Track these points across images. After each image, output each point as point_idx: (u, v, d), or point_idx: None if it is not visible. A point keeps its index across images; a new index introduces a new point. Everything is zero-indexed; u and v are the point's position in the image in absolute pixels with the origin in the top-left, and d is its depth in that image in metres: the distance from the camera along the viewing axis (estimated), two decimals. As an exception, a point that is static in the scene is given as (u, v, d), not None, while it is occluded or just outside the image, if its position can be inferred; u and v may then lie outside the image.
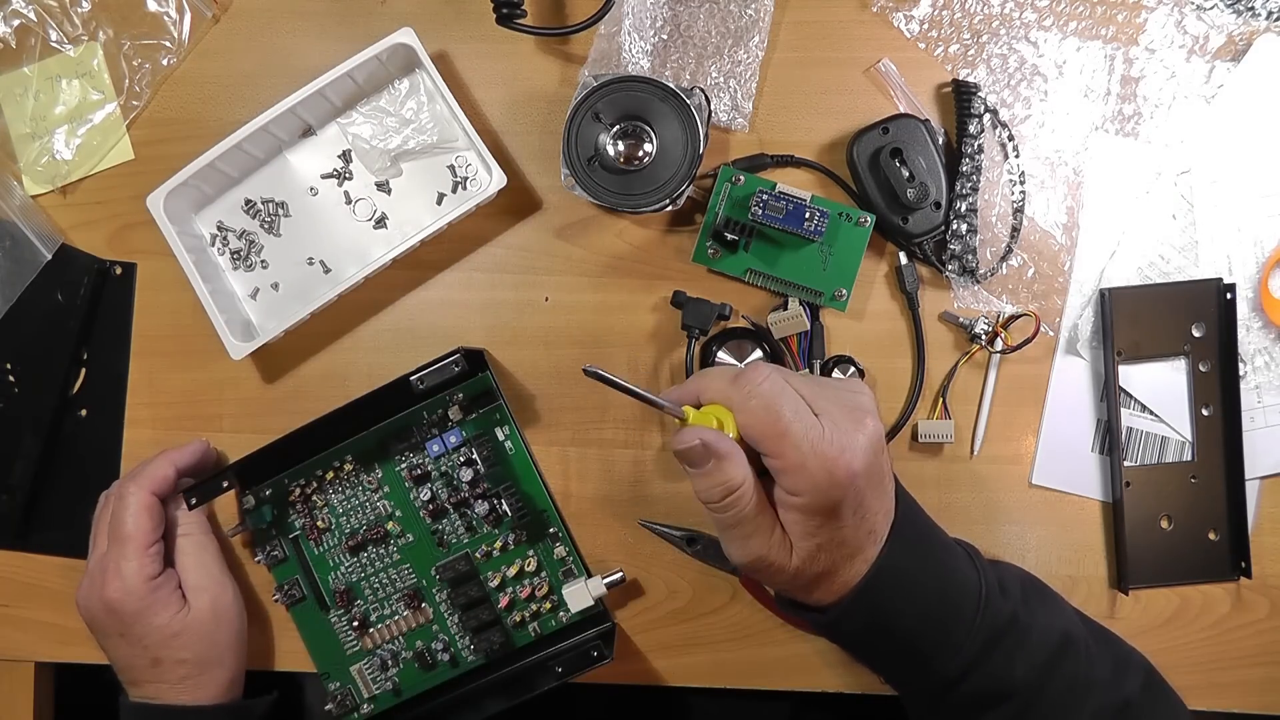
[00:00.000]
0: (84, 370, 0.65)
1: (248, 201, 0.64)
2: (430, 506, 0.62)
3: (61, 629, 0.65)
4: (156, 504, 0.59)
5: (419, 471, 0.62)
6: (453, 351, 0.59)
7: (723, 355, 0.62)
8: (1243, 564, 0.61)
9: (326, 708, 0.62)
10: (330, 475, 0.62)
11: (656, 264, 0.64)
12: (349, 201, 0.64)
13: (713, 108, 0.61)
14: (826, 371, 0.62)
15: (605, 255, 0.64)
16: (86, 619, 0.59)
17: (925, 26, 0.63)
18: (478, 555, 0.62)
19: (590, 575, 0.62)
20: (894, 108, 0.63)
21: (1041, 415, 0.63)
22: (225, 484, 0.60)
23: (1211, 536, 0.62)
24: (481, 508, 0.61)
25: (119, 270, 0.65)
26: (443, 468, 0.62)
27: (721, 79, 0.63)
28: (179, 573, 0.59)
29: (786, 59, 0.64)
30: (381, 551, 0.63)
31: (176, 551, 0.60)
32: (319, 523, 0.63)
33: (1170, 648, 0.62)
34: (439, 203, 0.64)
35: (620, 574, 0.61)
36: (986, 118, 0.61)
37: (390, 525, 0.62)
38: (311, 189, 0.64)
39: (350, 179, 0.64)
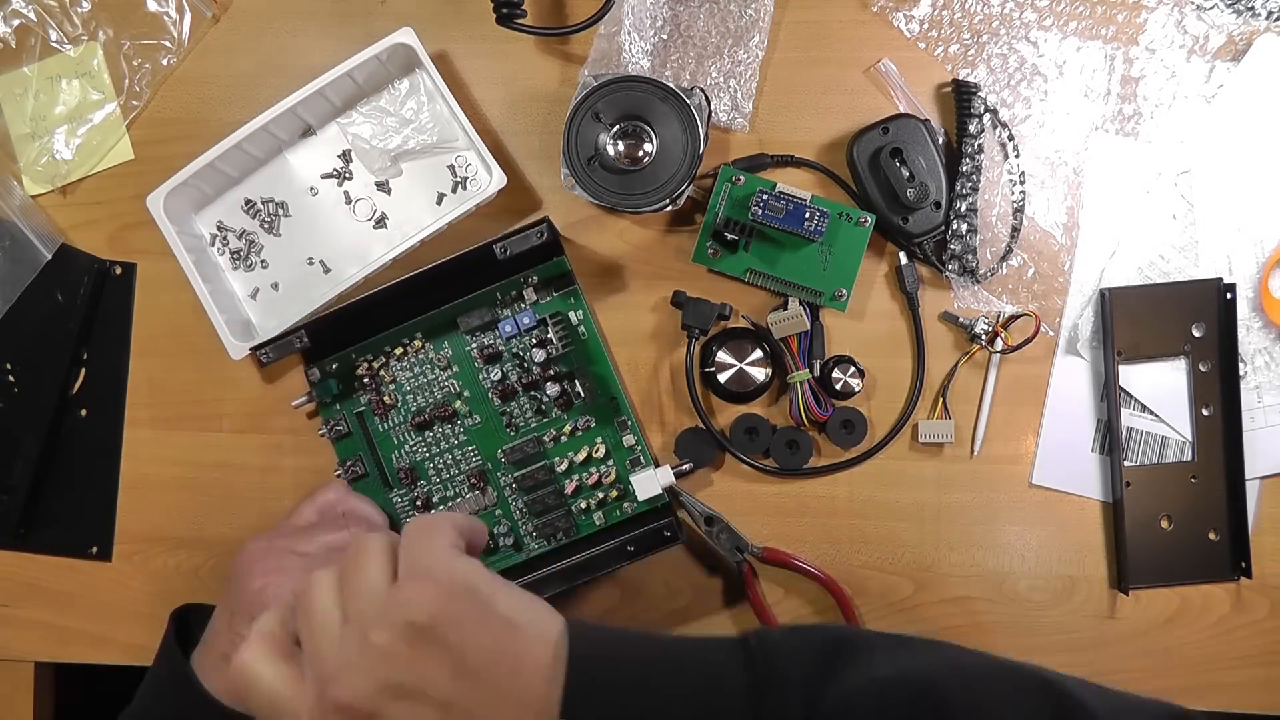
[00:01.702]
0: (84, 370, 0.65)
1: (248, 201, 0.64)
2: (500, 387, 0.61)
3: (61, 629, 0.65)
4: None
5: (490, 351, 0.61)
6: (539, 220, 0.59)
7: (723, 355, 0.62)
8: (1243, 564, 0.61)
9: None
10: (399, 351, 0.62)
11: (656, 264, 0.64)
12: (349, 201, 0.64)
13: (713, 108, 0.61)
14: (827, 371, 0.61)
15: (605, 255, 0.64)
16: (241, 564, 0.54)
17: (925, 26, 0.63)
18: (545, 439, 0.62)
19: (658, 465, 0.62)
20: (894, 108, 0.63)
21: (1041, 415, 0.63)
22: (298, 342, 0.59)
23: (1212, 537, 0.62)
24: (552, 390, 0.61)
25: (119, 270, 0.65)
26: (514, 348, 0.62)
27: (721, 79, 0.63)
28: None
29: (786, 59, 0.64)
30: (448, 430, 0.62)
31: None
32: (385, 398, 0.62)
33: (1170, 648, 0.62)
34: (439, 203, 0.64)
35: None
36: (986, 117, 0.61)
37: (458, 405, 0.62)
38: (311, 189, 0.64)
39: (350, 179, 0.64)
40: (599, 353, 0.62)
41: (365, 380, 0.62)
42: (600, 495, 0.62)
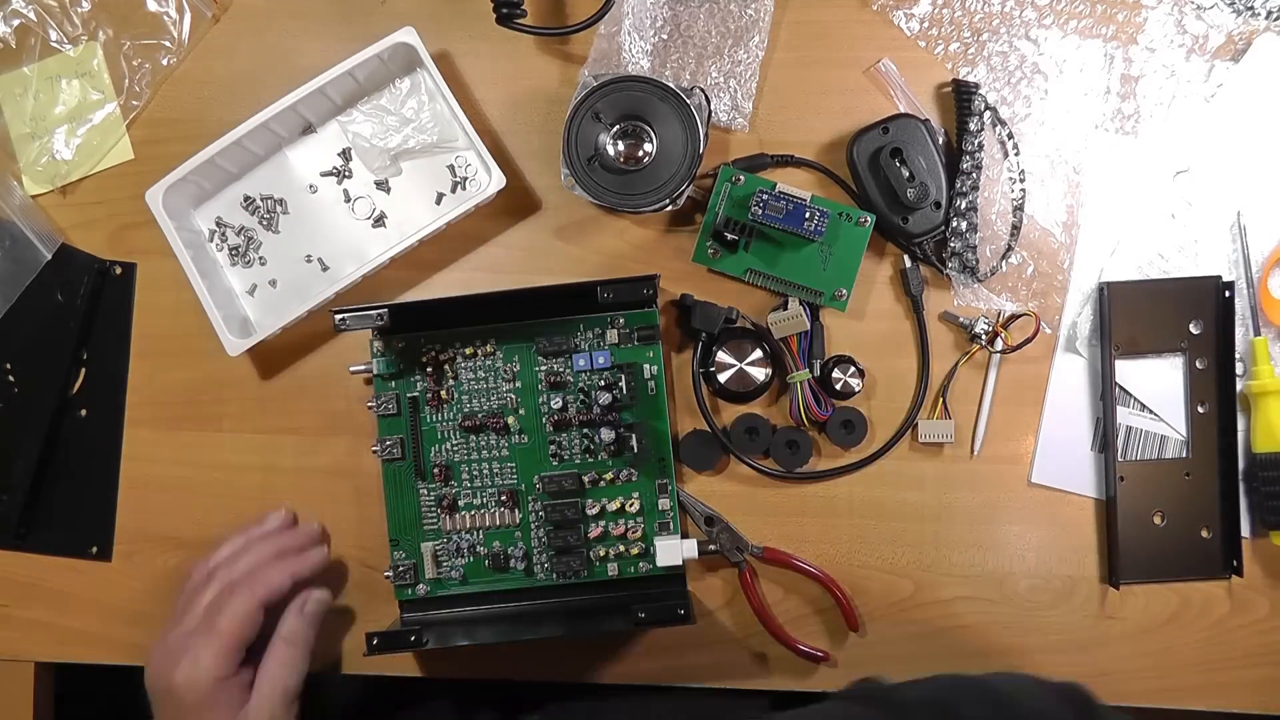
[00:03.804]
0: (84, 370, 0.65)
1: (247, 198, 0.64)
2: (557, 416, 0.61)
3: (61, 629, 0.65)
4: (260, 613, 0.56)
5: (557, 379, 0.61)
6: (651, 275, 0.58)
7: (723, 355, 0.62)
8: (1234, 562, 0.61)
9: (385, 574, 0.62)
10: (469, 350, 0.62)
11: (656, 264, 0.64)
12: (348, 200, 0.64)
13: (713, 108, 0.61)
14: (827, 371, 0.62)
15: (605, 255, 0.64)
16: (148, 685, 0.57)
17: (925, 25, 0.63)
18: (585, 479, 0.62)
19: (685, 537, 0.62)
20: (894, 108, 0.63)
21: (1041, 414, 0.63)
22: (379, 316, 0.58)
23: (1204, 534, 0.62)
24: (607, 434, 0.61)
25: (119, 270, 0.65)
26: (581, 383, 0.62)
27: (721, 79, 0.63)
28: (258, 672, 0.56)
29: (786, 59, 0.64)
30: (494, 441, 0.62)
31: (268, 651, 0.57)
32: (442, 393, 0.62)
33: (1170, 648, 0.62)
34: (438, 202, 0.64)
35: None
36: (986, 116, 0.61)
37: (511, 420, 0.62)
38: (311, 186, 0.64)
39: (350, 177, 0.64)
40: (663, 411, 0.62)
41: (428, 368, 0.62)
42: (621, 548, 0.62)
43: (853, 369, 0.61)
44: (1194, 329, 0.62)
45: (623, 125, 0.58)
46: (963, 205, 0.60)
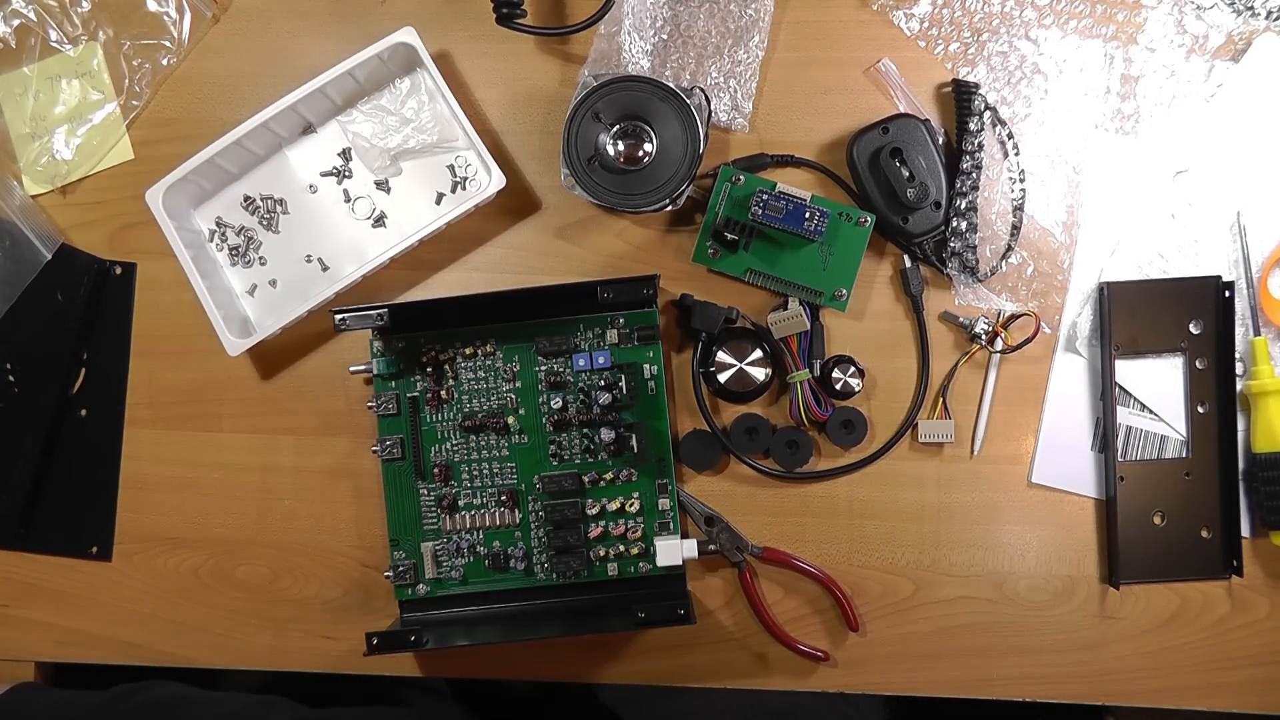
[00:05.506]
0: (84, 370, 0.65)
1: (247, 198, 0.64)
2: (557, 416, 0.62)
3: (61, 629, 0.65)
4: None
5: (557, 379, 0.62)
6: (651, 275, 0.59)
7: (723, 355, 0.62)
8: (1234, 562, 0.61)
9: (385, 574, 0.62)
10: (469, 350, 0.62)
11: (656, 264, 0.64)
12: (348, 200, 0.64)
13: (713, 108, 0.61)
14: (827, 371, 0.62)
15: (605, 255, 0.64)
16: None
17: (925, 25, 0.63)
18: (585, 479, 0.62)
19: (685, 536, 0.62)
20: (894, 108, 0.63)
21: (1041, 413, 0.63)
22: (379, 316, 0.58)
23: (1204, 534, 0.62)
24: (607, 434, 0.61)
25: (119, 270, 0.65)
26: (581, 383, 0.62)
27: (721, 79, 0.63)
28: None
29: (786, 59, 0.64)
30: (494, 441, 0.62)
31: None
32: (442, 393, 0.62)
33: (1170, 647, 0.62)
34: (438, 202, 0.64)
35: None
36: (986, 116, 0.61)
37: (511, 420, 0.62)
38: (311, 186, 0.64)
39: (350, 177, 0.64)
40: (663, 411, 0.62)
41: (428, 369, 0.62)
42: (621, 548, 0.62)
43: (853, 369, 0.61)
44: (1194, 329, 0.62)
45: (623, 125, 0.58)
46: (963, 205, 0.60)
